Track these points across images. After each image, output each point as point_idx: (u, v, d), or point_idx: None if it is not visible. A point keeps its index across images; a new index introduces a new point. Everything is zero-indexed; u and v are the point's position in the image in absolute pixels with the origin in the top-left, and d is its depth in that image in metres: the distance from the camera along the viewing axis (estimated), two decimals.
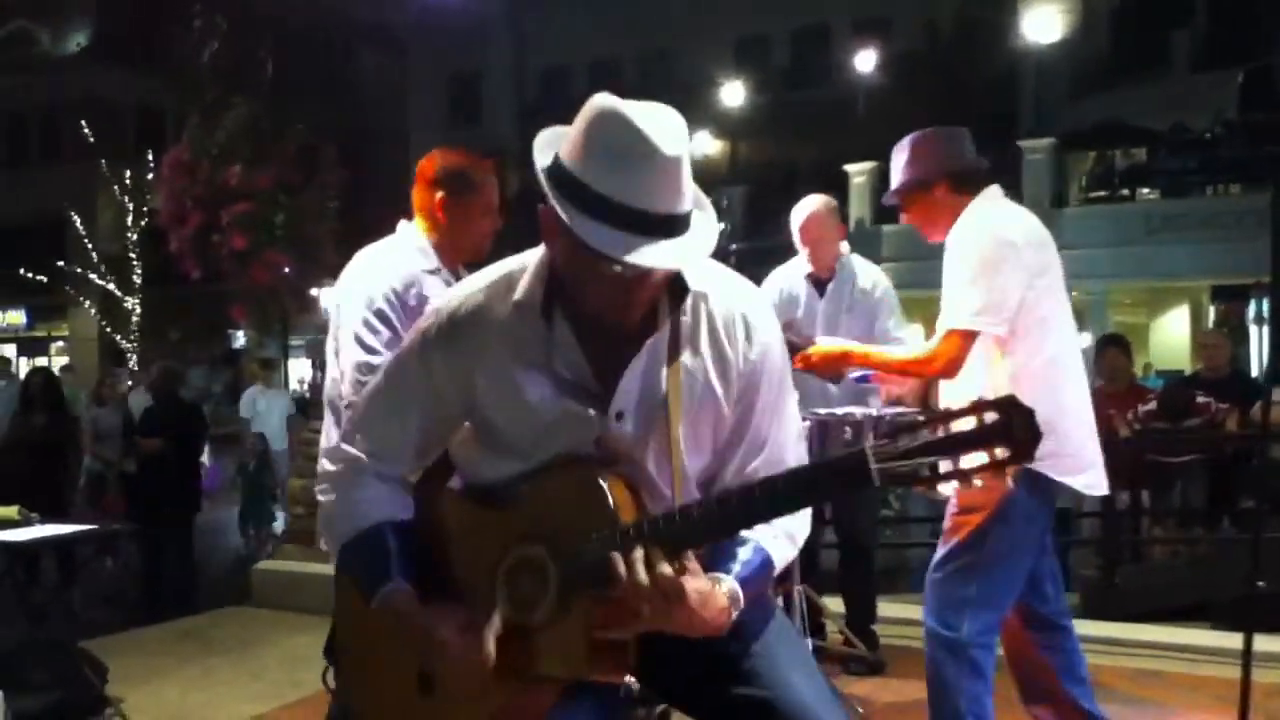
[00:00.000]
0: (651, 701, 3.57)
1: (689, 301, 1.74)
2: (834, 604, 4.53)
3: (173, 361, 9.88)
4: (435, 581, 1.79)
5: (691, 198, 1.64)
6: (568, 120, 1.68)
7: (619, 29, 25.02)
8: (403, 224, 2.98)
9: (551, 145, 1.67)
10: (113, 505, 8.95)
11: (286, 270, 13.36)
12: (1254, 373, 15.42)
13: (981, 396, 2.75)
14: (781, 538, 1.75)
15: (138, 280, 23.13)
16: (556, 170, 1.63)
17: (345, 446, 1.86)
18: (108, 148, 23.04)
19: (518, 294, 1.74)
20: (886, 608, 4.79)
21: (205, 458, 9.81)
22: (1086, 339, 12.89)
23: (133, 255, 22.94)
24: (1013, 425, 1.44)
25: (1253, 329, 17.19)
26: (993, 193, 2.98)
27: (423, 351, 1.81)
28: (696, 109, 22.83)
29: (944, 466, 1.47)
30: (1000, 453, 1.44)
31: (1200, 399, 5.98)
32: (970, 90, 20.56)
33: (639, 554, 1.55)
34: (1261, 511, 3.84)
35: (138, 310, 23.16)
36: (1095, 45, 22.01)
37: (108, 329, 23.37)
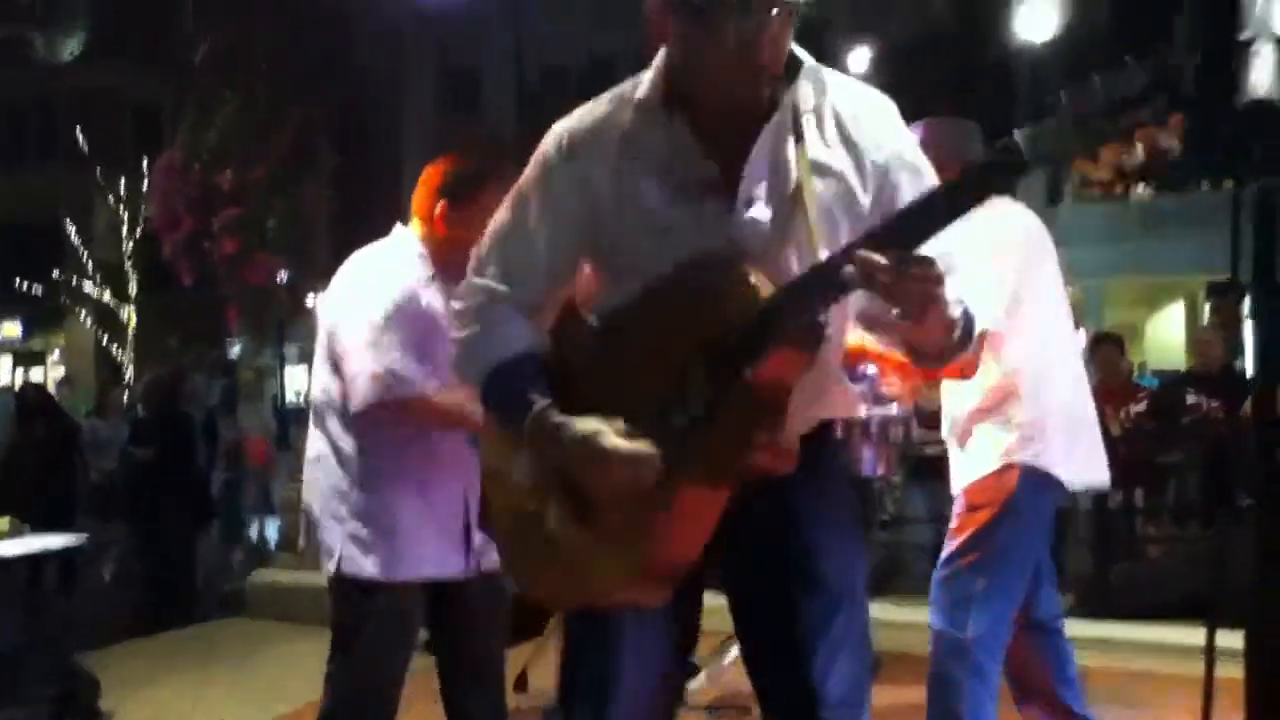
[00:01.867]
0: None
1: (811, 95, 1.72)
2: None
3: (166, 371, 9.88)
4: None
5: None
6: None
7: (617, 22, 24.97)
8: (399, 228, 2.95)
9: None
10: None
11: (281, 276, 13.34)
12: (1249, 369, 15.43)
13: (984, 397, 2.80)
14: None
15: (133, 290, 23.10)
16: None
17: (477, 279, 1.86)
18: (103, 151, 22.99)
19: (639, 93, 1.74)
20: (881, 610, 4.77)
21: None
22: (1082, 337, 12.87)
23: (128, 264, 22.91)
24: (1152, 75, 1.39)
25: (1249, 324, 17.19)
26: None
27: (544, 173, 1.81)
28: None
29: None
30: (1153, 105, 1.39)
31: (1191, 399, 5.99)
32: (966, 85, 20.56)
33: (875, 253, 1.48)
34: (1233, 511, 3.85)
35: (134, 320, 23.12)
36: (1091, 41, 22.01)
37: (103, 340, 23.34)
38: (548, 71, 25.95)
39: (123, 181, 22.31)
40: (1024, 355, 2.82)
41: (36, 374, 25.54)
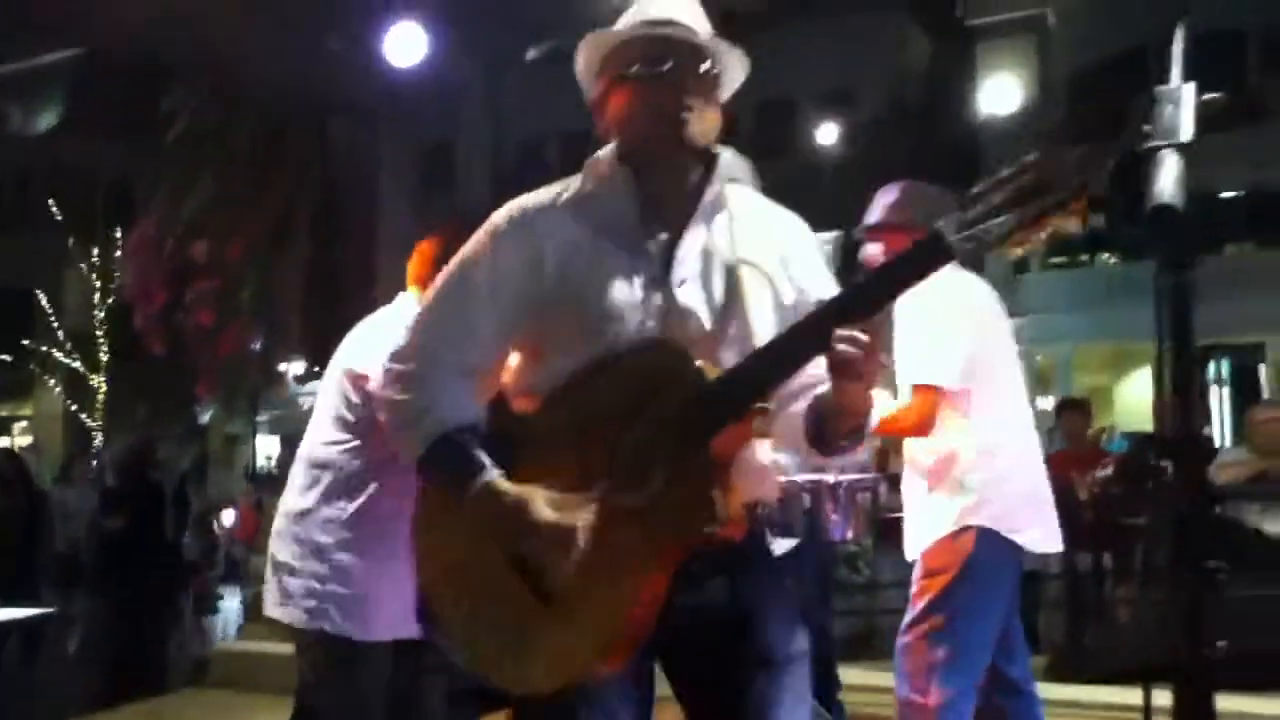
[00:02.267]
0: None
1: (735, 193, 1.92)
2: None
3: (137, 440, 9.82)
4: None
5: (711, 38, 1.88)
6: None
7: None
8: (403, 296, 3.04)
9: (581, 71, 1.97)
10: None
11: (256, 345, 13.38)
12: (1215, 434, 15.65)
13: (939, 460, 2.85)
14: None
15: (104, 357, 22.97)
16: (593, 49, 1.93)
17: (419, 340, 1.88)
18: (76, 221, 23.00)
19: (587, 174, 1.92)
20: (855, 675, 4.78)
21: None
22: (1051, 402, 13.01)
23: (99, 332, 22.80)
24: (1056, 170, 1.54)
25: (1213, 390, 17.46)
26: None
27: (493, 239, 1.89)
28: None
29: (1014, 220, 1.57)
30: (1058, 196, 1.53)
31: (1154, 463, 6.05)
32: (932, 159, 20.95)
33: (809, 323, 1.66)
34: (1200, 573, 3.87)
35: (104, 388, 22.95)
36: (1052, 114, 22.54)
37: (73, 407, 23.14)
38: (522, 146, 26.27)
39: (95, 251, 22.29)
40: (978, 420, 2.88)
41: (2, 442, 25.19)
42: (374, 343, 2.88)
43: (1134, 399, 20.57)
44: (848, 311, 1.64)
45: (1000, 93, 21.81)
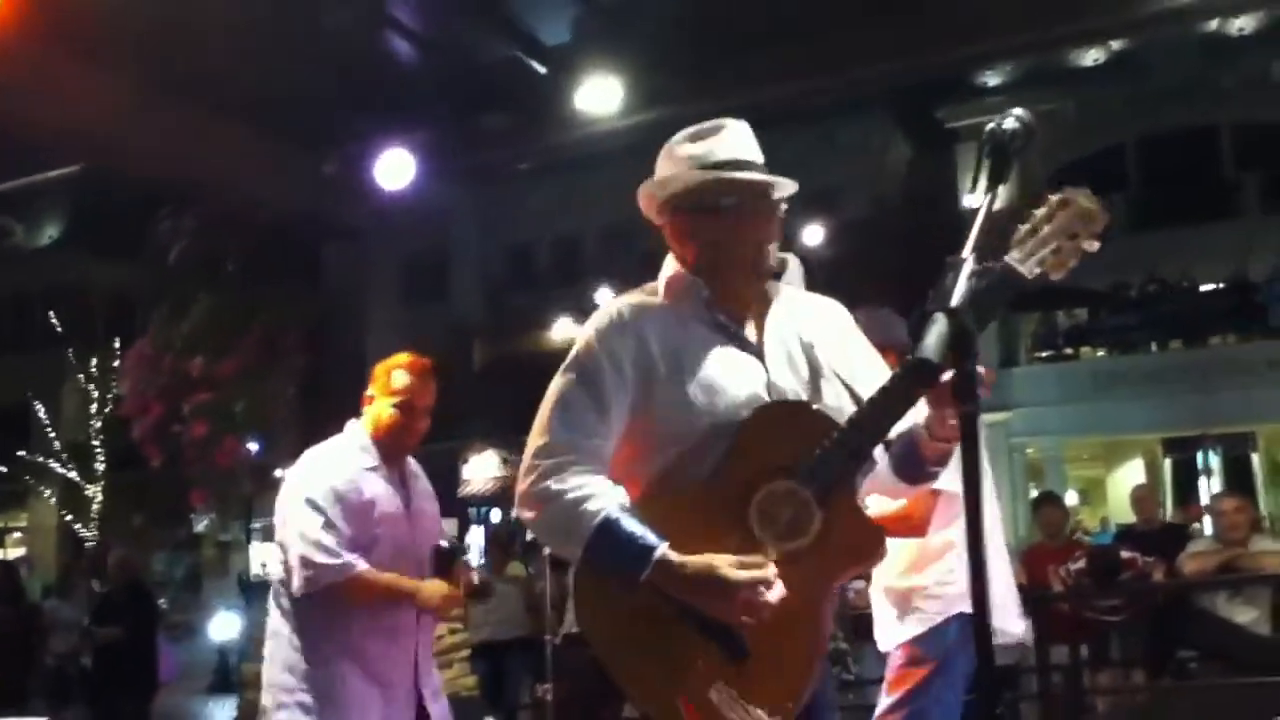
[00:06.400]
0: None
1: (791, 298, 2.17)
2: None
3: (131, 549, 9.88)
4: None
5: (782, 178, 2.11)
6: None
7: (581, 206, 25.83)
8: (350, 423, 3.22)
9: (656, 195, 2.17)
10: None
11: (253, 449, 13.51)
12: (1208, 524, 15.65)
13: (922, 556, 2.99)
14: None
15: (100, 467, 23.00)
16: (680, 186, 2.11)
17: (556, 437, 1.98)
18: (76, 336, 23.25)
19: (665, 286, 2.13)
20: None
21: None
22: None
23: (96, 443, 22.87)
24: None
25: (1202, 480, 17.55)
26: None
27: (602, 343, 2.05)
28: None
29: None
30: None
31: (1126, 555, 6.17)
32: (916, 259, 21.28)
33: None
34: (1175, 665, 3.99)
35: (99, 498, 22.93)
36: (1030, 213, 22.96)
37: (68, 518, 23.09)
38: (512, 251, 26.67)
39: (94, 362, 22.51)
40: (957, 520, 3.03)
41: None
42: (300, 485, 3.05)
43: (1127, 490, 20.56)
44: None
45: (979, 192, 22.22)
